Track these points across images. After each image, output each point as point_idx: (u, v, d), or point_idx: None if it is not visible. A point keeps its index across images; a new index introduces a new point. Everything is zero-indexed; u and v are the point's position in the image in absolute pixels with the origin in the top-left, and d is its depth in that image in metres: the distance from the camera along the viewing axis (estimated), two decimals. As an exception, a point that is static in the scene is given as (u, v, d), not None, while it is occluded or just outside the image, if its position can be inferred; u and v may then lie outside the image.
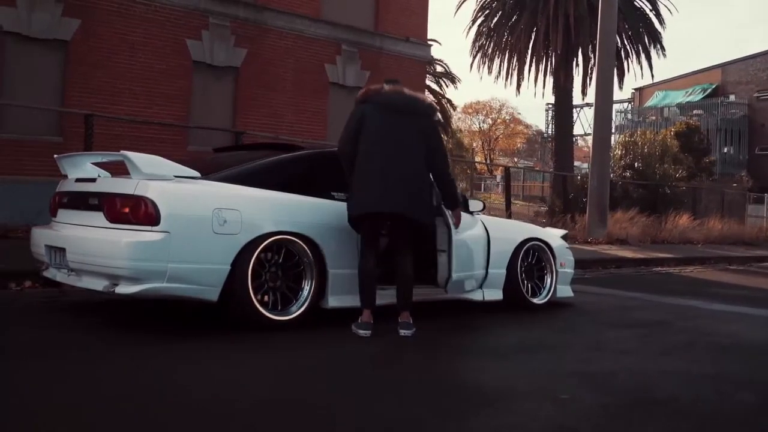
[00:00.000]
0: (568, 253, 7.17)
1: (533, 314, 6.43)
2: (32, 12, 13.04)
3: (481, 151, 50.69)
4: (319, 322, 5.17)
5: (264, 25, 16.28)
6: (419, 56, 19.38)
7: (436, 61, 30.53)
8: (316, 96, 17.28)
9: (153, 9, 14.57)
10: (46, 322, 4.98)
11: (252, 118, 15.95)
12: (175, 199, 4.55)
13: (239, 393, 3.46)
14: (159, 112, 14.31)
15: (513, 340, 5.28)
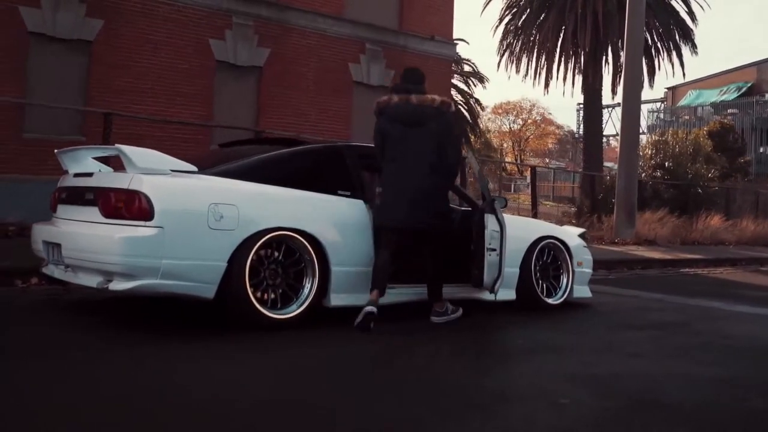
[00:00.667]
0: (585, 252, 6.96)
1: (545, 315, 6.24)
2: (56, 12, 13.13)
3: (511, 152, 50.29)
4: (322, 321, 5.06)
5: (287, 25, 16.24)
6: (445, 55, 19.20)
7: (463, 61, 30.32)
8: (339, 95, 17.20)
9: (176, 9, 14.61)
10: (47, 321, 4.94)
11: (275, 118, 15.92)
12: (170, 194, 4.46)
13: (239, 393, 3.41)
14: (182, 112, 14.33)
15: (520, 340, 5.12)
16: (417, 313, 5.61)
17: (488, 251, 5.55)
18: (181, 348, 4.26)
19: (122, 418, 2.95)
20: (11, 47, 12.67)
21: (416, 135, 5.24)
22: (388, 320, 5.14)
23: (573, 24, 23.17)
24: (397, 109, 5.33)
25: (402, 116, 5.29)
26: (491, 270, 5.61)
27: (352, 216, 5.24)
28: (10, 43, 12.66)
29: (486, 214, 5.63)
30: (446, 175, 5.40)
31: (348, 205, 5.24)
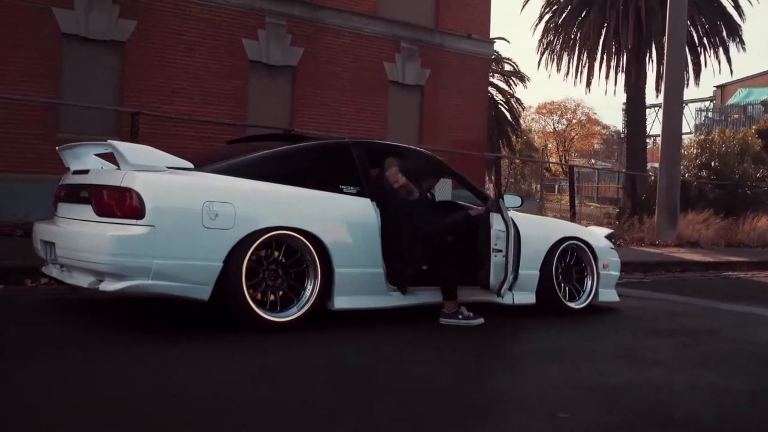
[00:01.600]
0: (612, 253, 6.63)
1: (566, 319, 5.94)
2: (89, 14, 13.20)
3: (555, 153, 49.49)
4: (326, 323, 4.86)
5: (321, 24, 16.12)
6: (482, 53, 18.89)
7: (504, 60, 29.91)
8: (374, 94, 17.02)
9: (209, 9, 14.59)
10: (48, 320, 4.85)
11: (309, 118, 15.81)
12: (162, 192, 4.30)
13: (239, 393, 3.34)
14: (214, 112, 14.29)
15: (532, 346, 4.84)
16: (432, 314, 5.40)
17: (494, 252, 5.29)
18: (181, 348, 4.17)
19: (122, 418, 2.89)
20: (45, 48, 12.78)
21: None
22: (402, 322, 4.94)
23: (615, 21, 22.59)
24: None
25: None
26: (497, 271, 5.34)
27: (357, 214, 5.03)
28: (45, 44, 12.77)
29: (492, 213, 5.37)
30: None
31: (353, 203, 5.03)
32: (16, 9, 12.44)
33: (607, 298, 6.56)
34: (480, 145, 18.78)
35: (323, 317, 4.88)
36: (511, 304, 5.83)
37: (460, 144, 17.66)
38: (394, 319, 4.94)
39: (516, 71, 29.89)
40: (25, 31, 12.56)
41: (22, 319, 4.89)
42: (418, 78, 17.72)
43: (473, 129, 18.70)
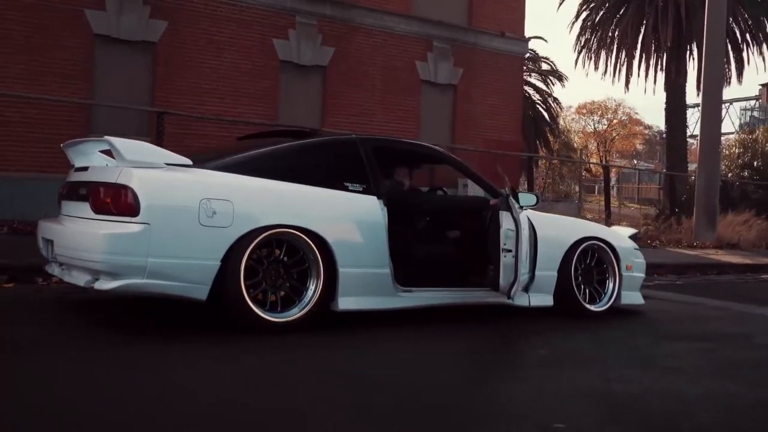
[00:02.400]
0: (636, 254, 6.38)
1: (584, 322, 5.72)
2: (121, 15, 13.29)
3: (596, 153, 48.71)
4: (331, 324, 4.74)
5: (352, 23, 16.03)
6: (516, 52, 18.61)
7: (541, 59, 29.52)
8: (406, 94, 16.88)
9: (239, 9, 14.60)
10: (52, 319, 4.80)
11: (340, 117, 15.73)
12: (158, 189, 4.21)
13: (243, 395, 3.27)
14: (246, 112, 14.29)
15: (543, 350, 4.63)
16: (443, 317, 5.24)
17: (503, 252, 5.11)
18: (182, 348, 4.08)
19: (123, 419, 2.84)
20: (78, 49, 12.91)
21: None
22: (392, 327, 4.78)
23: (653, 18, 22.10)
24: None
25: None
26: (507, 273, 5.16)
27: (363, 213, 4.88)
28: (77, 45, 12.90)
29: (501, 212, 5.19)
30: None
31: (359, 201, 4.89)
32: (50, 11, 12.58)
33: (631, 301, 6.32)
34: (514, 145, 18.50)
35: (328, 319, 4.76)
36: (527, 306, 5.63)
37: (494, 144, 17.41)
38: (388, 324, 4.79)
39: (553, 70, 29.46)
40: (58, 33, 12.70)
41: (25, 317, 4.84)
42: (451, 77, 17.52)
43: (508, 129, 18.45)
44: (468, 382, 3.76)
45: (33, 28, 12.51)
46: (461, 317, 5.47)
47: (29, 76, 12.41)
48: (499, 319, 5.56)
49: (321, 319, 4.69)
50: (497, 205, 5.31)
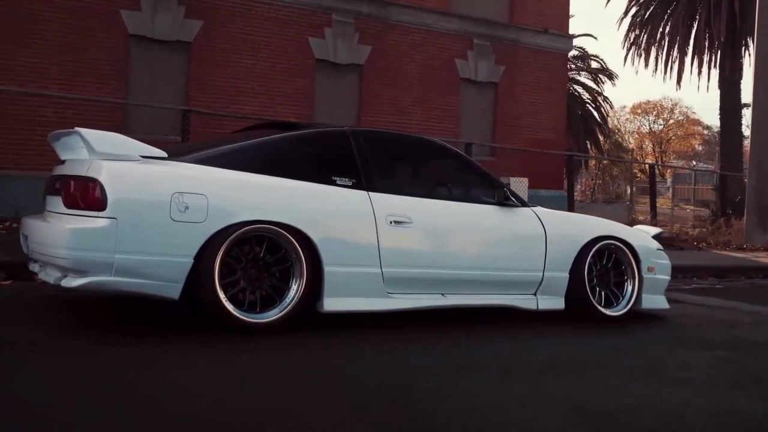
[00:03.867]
0: (659, 255, 5.97)
1: (597, 327, 5.34)
2: (156, 15, 13.33)
3: (652, 154, 47.40)
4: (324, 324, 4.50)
5: (389, 21, 15.81)
6: (560, 48, 18.13)
7: (591, 57, 28.78)
8: (446, 93, 16.57)
9: (275, 8, 14.51)
10: (47, 318, 4.68)
11: (378, 116, 15.53)
12: (127, 182, 4.02)
13: (240, 395, 3.18)
14: (282, 112, 14.17)
15: (540, 356, 4.28)
16: (440, 320, 4.95)
17: None
18: (179, 349, 3.95)
19: (119, 418, 2.78)
20: (113, 50, 12.99)
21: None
22: (395, 327, 4.50)
23: (706, 12, 21.28)
24: None
25: None
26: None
27: (351, 209, 4.62)
28: (112, 45, 12.98)
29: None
30: None
31: (347, 197, 4.62)
32: (86, 12, 12.69)
33: (654, 305, 5.91)
34: (558, 144, 18.03)
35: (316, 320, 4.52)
36: (535, 309, 5.30)
37: (537, 143, 17.00)
38: (381, 325, 4.52)
39: (604, 68, 28.70)
40: (94, 34, 12.79)
41: (22, 315, 4.72)
42: (492, 75, 17.16)
43: (551, 127, 17.98)
44: (450, 390, 3.44)
45: (70, 29, 12.63)
46: (462, 318, 5.18)
47: (66, 76, 12.54)
48: (505, 323, 5.24)
49: (313, 319, 4.46)
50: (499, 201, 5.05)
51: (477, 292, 5.08)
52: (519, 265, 5.23)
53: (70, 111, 12.31)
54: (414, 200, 4.91)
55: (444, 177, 5.39)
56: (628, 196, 26.29)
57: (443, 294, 4.94)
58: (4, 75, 11.88)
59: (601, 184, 27.57)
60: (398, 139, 5.52)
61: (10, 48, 12.12)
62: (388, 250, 4.66)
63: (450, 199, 5.17)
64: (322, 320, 4.60)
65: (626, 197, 26.93)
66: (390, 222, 4.69)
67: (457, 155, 5.50)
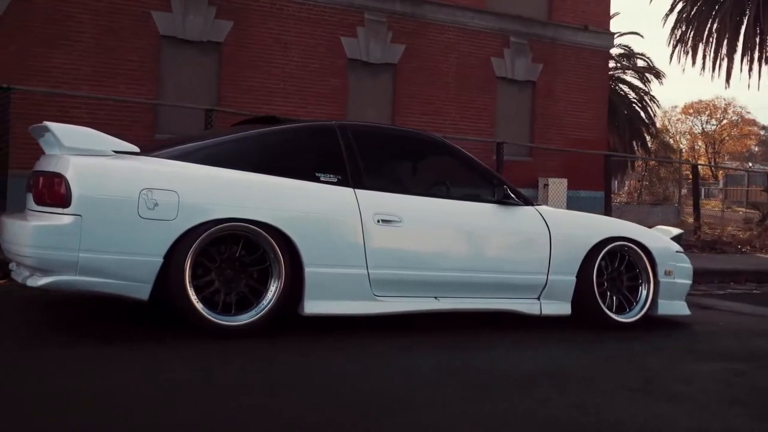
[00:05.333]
0: (678, 258, 5.60)
1: (600, 335, 4.98)
2: (187, 16, 13.33)
3: (704, 155, 46.04)
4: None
5: (423, 20, 15.57)
6: (600, 46, 17.64)
7: (637, 55, 28.00)
8: (482, 92, 16.27)
9: (306, 8, 14.41)
10: (39, 317, 4.61)
11: (412, 116, 15.29)
12: (93, 177, 3.88)
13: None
14: (314, 112, 14.05)
15: (528, 365, 4.00)
16: (417, 325, 4.70)
17: None
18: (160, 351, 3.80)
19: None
20: (145, 51, 13.04)
21: None
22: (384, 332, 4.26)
23: (755, 8, 20.47)
24: None
25: None
26: None
27: (335, 206, 4.39)
28: (144, 46, 13.03)
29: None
30: None
31: (331, 194, 4.40)
32: (118, 13, 12.77)
33: (672, 311, 5.55)
34: (599, 144, 17.53)
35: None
36: (538, 315, 5.00)
37: (577, 143, 16.57)
38: (374, 328, 4.29)
39: (650, 67, 27.91)
40: (125, 35, 12.86)
41: (16, 315, 4.65)
42: (529, 74, 16.78)
43: (591, 127, 17.51)
44: (407, 403, 3.20)
45: (102, 30, 12.71)
46: (462, 325, 4.92)
47: (98, 77, 12.62)
48: (502, 329, 4.96)
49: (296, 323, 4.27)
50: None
51: (474, 295, 4.81)
52: (520, 267, 4.94)
53: (101, 111, 12.38)
54: (405, 198, 4.68)
55: (440, 174, 5.14)
56: (677, 198, 25.52)
57: (436, 297, 4.68)
58: (38, 76, 12.01)
59: (648, 186, 26.83)
60: (391, 134, 5.28)
61: (44, 50, 12.25)
62: (376, 250, 4.43)
63: (445, 197, 4.91)
64: (307, 325, 4.40)
65: (675, 199, 26.14)
66: (377, 221, 4.46)
67: (455, 151, 5.22)
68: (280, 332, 4.24)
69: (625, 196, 30.11)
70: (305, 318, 4.30)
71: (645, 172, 25.48)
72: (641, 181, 26.41)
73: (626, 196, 29.66)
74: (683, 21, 22.86)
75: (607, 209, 13.70)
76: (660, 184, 28.27)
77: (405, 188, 4.85)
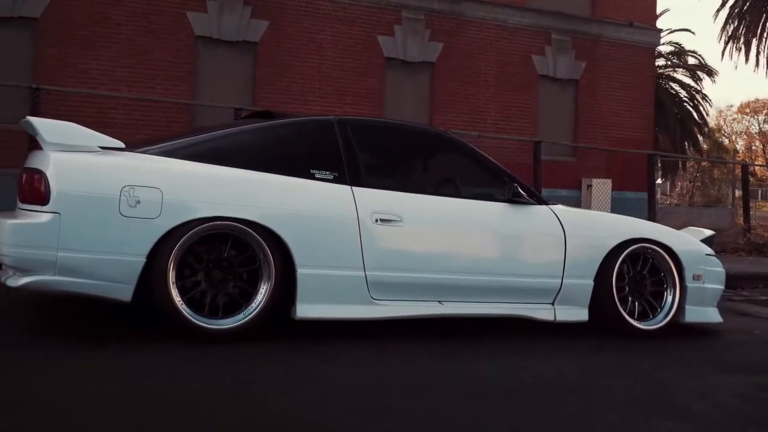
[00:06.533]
0: (708, 261, 5.23)
1: (617, 342, 4.66)
2: (222, 16, 13.31)
3: (761, 155, 44.53)
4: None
5: (462, 17, 15.29)
6: (646, 42, 17.08)
7: (687, 53, 27.14)
8: (522, 90, 15.90)
9: (342, 7, 14.26)
10: (30, 318, 4.52)
11: (451, 116, 15.03)
12: (73, 175, 3.74)
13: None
14: (350, 111, 13.91)
15: (525, 375, 3.73)
16: (421, 331, 4.46)
17: None
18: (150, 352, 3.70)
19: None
20: (181, 51, 13.05)
21: None
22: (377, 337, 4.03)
23: (812, 1, 19.65)
24: None
25: None
26: None
27: (329, 205, 4.19)
28: (180, 47, 13.04)
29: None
30: None
31: (326, 192, 4.20)
32: (155, 15, 12.82)
33: (700, 318, 5.18)
34: (645, 144, 16.99)
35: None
36: (552, 320, 4.71)
37: (622, 143, 16.08)
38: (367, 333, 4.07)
39: (702, 65, 27.03)
40: (162, 36, 12.90)
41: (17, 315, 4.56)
42: (572, 72, 16.34)
43: (637, 126, 16.98)
44: (388, 410, 2.98)
45: (139, 32, 12.77)
46: (460, 330, 4.67)
47: (135, 78, 12.69)
48: (516, 336, 4.69)
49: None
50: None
51: (481, 300, 4.54)
52: (532, 270, 4.66)
53: (138, 113, 12.46)
54: (406, 196, 4.43)
55: (447, 171, 4.89)
56: (731, 200, 24.68)
57: (440, 302, 4.43)
58: (77, 77, 12.13)
59: (701, 187, 26.01)
60: (393, 129, 5.03)
61: (84, 52, 12.37)
62: (373, 251, 4.21)
63: (450, 195, 4.66)
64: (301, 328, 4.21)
65: (728, 201, 25.28)
66: (375, 220, 4.23)
67: (462, 146, 4.96)
68: (271, 336, 4.06)
69: (677, 198, 29.26)
70: (298, 322, 4.10)
71: (697, 173, 24.72)
72: (693, 182, 25.62)
73: (677, 197, 28.82)
74: (735, 16, 22.05)
75: (651, 211, 13.22)
76: (712, 185, 27.39)
77: (407, 186, 4.60)
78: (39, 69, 12.06)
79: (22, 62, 12.08)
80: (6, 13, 11.96)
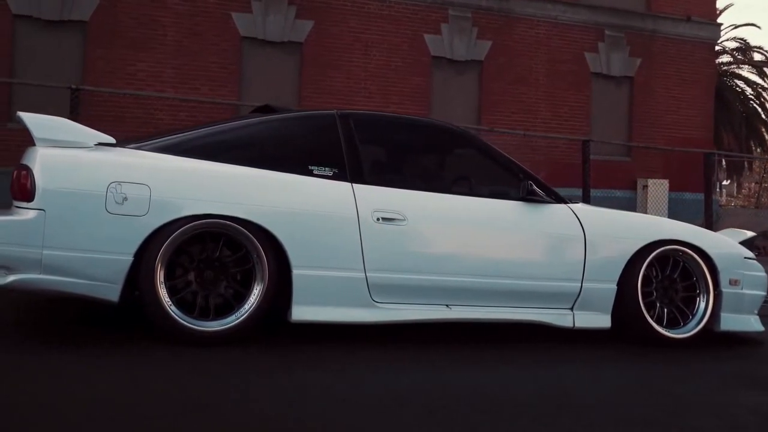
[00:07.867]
0: (747, 265, 4.84)
1: (644, 352, 4.35)
2: (267, 16, 13.31)
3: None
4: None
5: (511, 15, 14.97)
6: (705, 37, 16.44)
7: (754, 48, 26.06)
8: (575, 88, 15.49)
9: (388, 5, 14.12)
10: (26, 318, 4.46)
11: (500, 115, 14.72)
12: (58, 170, 3.64)
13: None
14: (397, 111, 13.71)
15: (525, 389, 3.45)
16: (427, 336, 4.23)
17: None
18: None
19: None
20: (226, 52, 13.09)
21: None
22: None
23: None
24: None
25: None
26: None
27: (327, 203, 3.99)
28: (225, 48, 13.09)
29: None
30: None
31: (325, 189, 4.00)
32: (199, 16, 12.91)
33: (738, 327, 4.81)
34: (705, 143, 16.32)
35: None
36: (570, 327, 4.42)
37: (680, 142, 15.48)
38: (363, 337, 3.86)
39: (770, 60, 25.91)
40: (208, 38, 12.99)
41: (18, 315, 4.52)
42: (627, 69, 15.83)
43: (696, 125, 16.35)
44: (362, 422, 2.78)
45: (185, 34, 12.87)
46: (458, 337, 4.43)
47: (181, 79, 12.79)
48: (530, 343, 4.42)
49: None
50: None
51: (492, 304, 4.29)
52: (548, 272, 4.38)
53: (184, 113, 12.52)
54: (410, 194, 4.20)
55: (457, 167, 4.65)
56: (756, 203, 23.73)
57: (448, 305, 4.20)
58: (125, 79, 12.30)
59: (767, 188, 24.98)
60: (399, 123, 4.80)
61: (131, 53, 12.53)
62: (375, 251, 4.01)
63: (459, 192, 4.42)
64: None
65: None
66: (377, 219, 4.02)
67: (473, 141, 4.70)
68: (266, 339, 3.90)
69: (743, 200, 28.17)
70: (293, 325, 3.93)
71: (764, 174, 23.72)
72: (760, 183, 24.62)
73: (743, 199, 27.76)
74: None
75: (707, 212, 12.64)
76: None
77: (413, 183, 4.37)
78: (88, 71, 12.26)
79: (73, 64, 12.30)
80: (56, 17, 12.19)
